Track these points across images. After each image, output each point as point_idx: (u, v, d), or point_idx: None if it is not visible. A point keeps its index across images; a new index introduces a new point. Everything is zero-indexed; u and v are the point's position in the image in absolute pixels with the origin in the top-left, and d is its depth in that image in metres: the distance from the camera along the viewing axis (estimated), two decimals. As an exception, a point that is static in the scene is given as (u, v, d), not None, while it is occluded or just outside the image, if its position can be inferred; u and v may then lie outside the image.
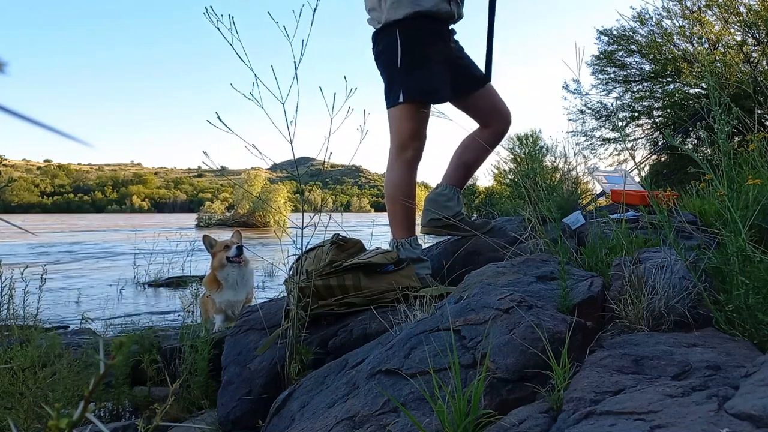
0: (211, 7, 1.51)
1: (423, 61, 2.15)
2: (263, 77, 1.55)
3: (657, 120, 10.98)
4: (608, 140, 11.35)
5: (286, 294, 2.05)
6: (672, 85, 10.41)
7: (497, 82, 2.37)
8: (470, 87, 2.32)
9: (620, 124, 11.06)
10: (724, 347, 0.97)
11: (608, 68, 11.04)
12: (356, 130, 1.75)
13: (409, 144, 2.19)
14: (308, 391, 1.32)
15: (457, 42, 2.33)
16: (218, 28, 1.51)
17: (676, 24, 10.02)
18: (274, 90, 1.57)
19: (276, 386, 1.64)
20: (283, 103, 1.59)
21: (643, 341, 1.03)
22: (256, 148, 1.64)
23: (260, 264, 6.41)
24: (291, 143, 1.65)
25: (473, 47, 2.33)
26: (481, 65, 2.37)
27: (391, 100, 2.19)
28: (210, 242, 3.05)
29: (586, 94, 11.26)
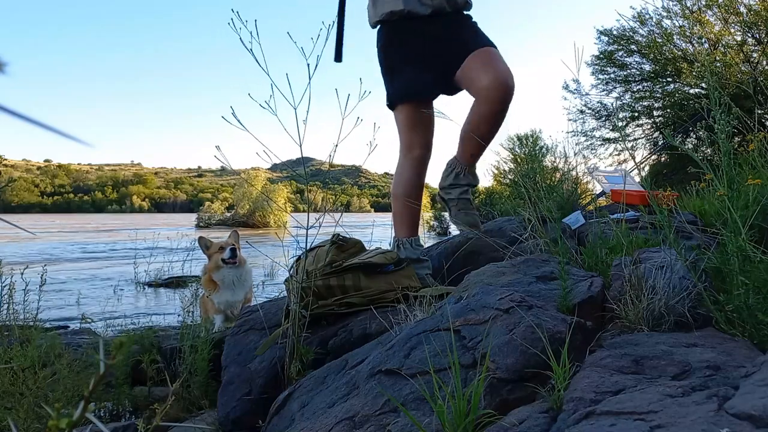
0: (237, 12, 1.52)
1: (398, 65, 2.14)
2: (274, 81, 1.56)
3: (657, 120, 10.98)
4: (608, 140, 11.35)
5: (286, 294, 2.05)
6: (672, 85, 10.41)
7: None
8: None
9: (620, 124, 11.06)
10: (724, 347, 0.97)
11: (608, 68, 11.03)
12: (367, 143, 1.78)
13: (414, 143, 2.20)
14: (308, 391, 1.32)
15: (453, 25, 2.12)
16: (239, 35, 1.51)
17: (676, 24, 10.02)
18: (286, 95, 1.59)
19: (276, 386, 1.64)
20: (295, 108, 1.62)
21: (643, 341, 1.03)
22: (267, 150, 1.64)
23: (260, 264, 6.42)
24: (300, 146, 1.66)
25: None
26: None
27: (387, 105, 2.27)
28: (206, 244, 3.04)
29: (586, 94, 11.26)
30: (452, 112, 2.22)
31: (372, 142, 1.79)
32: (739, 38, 9.41)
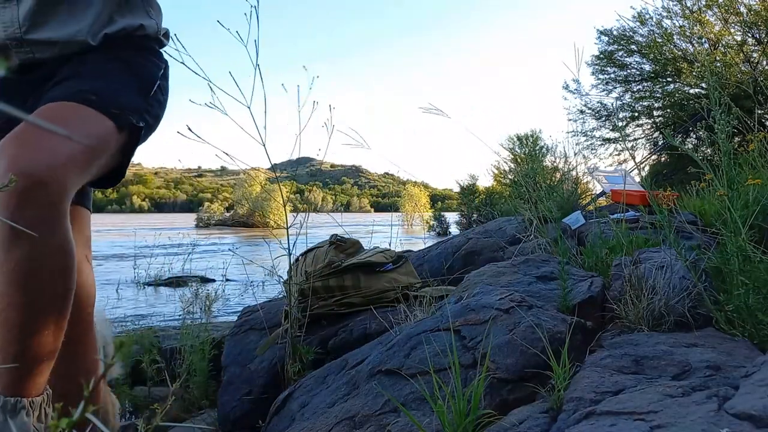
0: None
1: None
2: (233, 81, 1.52)
3: (657, 120, 10.98)
4: (608, 140, 11.35)
5: (285, 294, 2.05)
6: (672, 85, 10.41)
7: (497, 83, 2.29)
8: None
9: (620, 124, 11.06)
10: (724, 347, 0.97)
11: (608, 68, 11.03)
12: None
13: None
14: (308, 391, 1.32)
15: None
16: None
17: (676, 24, 10.02)
18: (244, 93, 1.53)
19: (276, 386, 1.64)
20: (249, 107, 1.55)
21: (643, 341, 1.03)
22: (226, 153, 1.63)
23: (260, 264, 6.43)
24: (264, 146, 1.63)
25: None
26: None
27: None
28: None
29: (586, 94, 11.26)
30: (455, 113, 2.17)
31: (328, 121, 1.73)
32: (739, 38, 9.41)
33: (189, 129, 1.50)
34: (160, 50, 1.19)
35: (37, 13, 0.99)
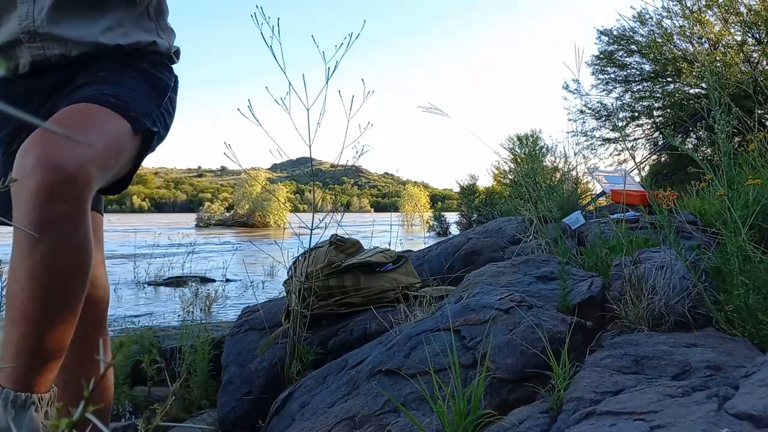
0: (260, 7, 1.53)
1: None
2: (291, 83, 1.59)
3: (657, 120, 10.98)
4: (608, 140, 11.35)
5: (286, 294, 2.05)
6: (672, 85, 10.41)
7: (497, 83, 2.30)
8: None
9: (620, 124, 11.06)
10: (724, 347, 0.97)
11: (608, 68, 11.03)
12: (363, 144, 1.80)
13: None
14: (308, 391, 1.32)
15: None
16: (261, 32, 1.53)
17: (676, 24, 10.02)
18: (301, 96, 1.65)
19: (276, 386, 1.64)
20: (308, 109, 1.67)
21: (643, 341, 1.03)
22: (279, 149, 1.69)
23: (261, 263, 6.43)
24: (310, 146, 1.72)
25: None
26: None
27: None
28: None
29: (586, 94, 11.25)
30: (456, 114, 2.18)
31: (360, 144, 1.81)
32: (739, 38, 9.42)
33: (250, 109, 1.62)
34: (171, 66, 1.23)
35: (51, 12, 1.04)
